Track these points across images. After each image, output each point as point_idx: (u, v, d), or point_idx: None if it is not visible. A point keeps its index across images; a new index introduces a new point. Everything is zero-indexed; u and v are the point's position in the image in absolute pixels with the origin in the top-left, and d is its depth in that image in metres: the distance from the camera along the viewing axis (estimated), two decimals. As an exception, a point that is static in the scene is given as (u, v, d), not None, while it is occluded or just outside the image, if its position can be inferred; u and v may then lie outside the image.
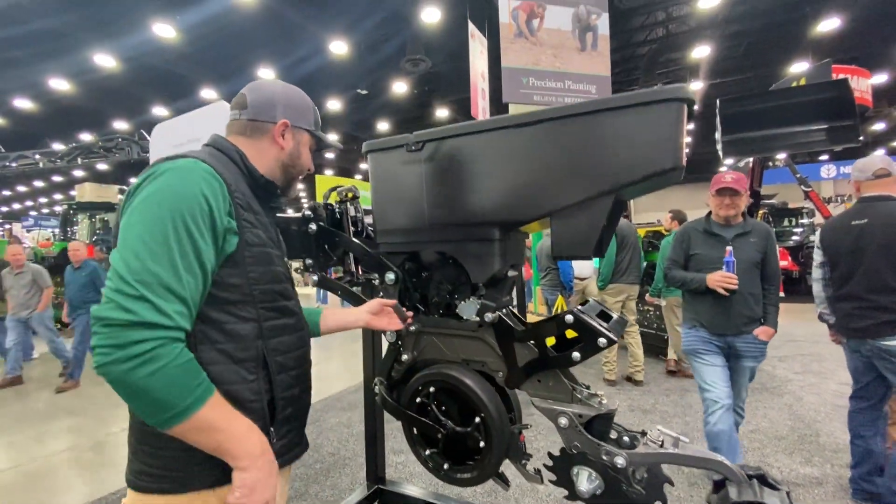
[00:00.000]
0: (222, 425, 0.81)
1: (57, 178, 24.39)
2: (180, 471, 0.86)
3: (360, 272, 1.61)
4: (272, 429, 0.95)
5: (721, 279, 2.34)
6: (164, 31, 9.84)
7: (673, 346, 4.72)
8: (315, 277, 1.57)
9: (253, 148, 1.05)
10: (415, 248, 1.37)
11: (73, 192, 18.10)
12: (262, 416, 0.93)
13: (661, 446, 1.13)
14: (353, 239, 1.50)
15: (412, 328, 1.41)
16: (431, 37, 10.61)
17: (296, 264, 1.61)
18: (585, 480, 1.14)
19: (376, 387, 1.47)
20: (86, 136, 16.43)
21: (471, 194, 1.22)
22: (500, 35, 5.51)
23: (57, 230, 12.17)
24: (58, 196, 28.42)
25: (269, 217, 1.07)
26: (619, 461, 1.10)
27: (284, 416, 1.00)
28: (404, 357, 1.44)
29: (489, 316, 1.26)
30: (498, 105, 10.57)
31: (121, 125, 15.69)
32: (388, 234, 1.39)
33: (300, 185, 1.22)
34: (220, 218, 0.87)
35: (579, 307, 1.19)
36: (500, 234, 1.22)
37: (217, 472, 0.87)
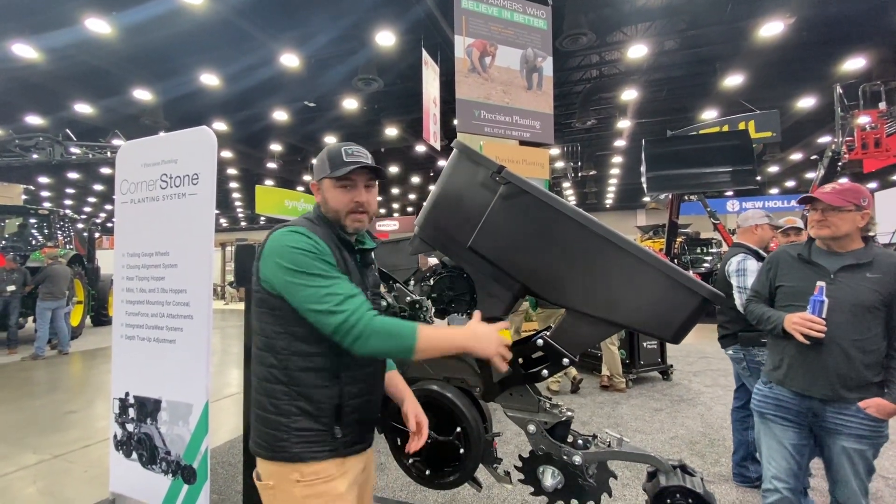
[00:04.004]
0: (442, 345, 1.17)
1: (-54, 173, 21.48)
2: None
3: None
4: (337, 427, 1.21)
5: (800, 322, 1.74)
6: (98, 26, 9.25)
7: (605, 364, 5.19)
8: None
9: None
10: (445, 253, 1.47)
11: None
12: (328, 415, 1.20)
13: (609, 446, 1.40)
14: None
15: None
16: (384, 58, 10.86)
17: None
18: (549, 477, 1.38)
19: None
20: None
21: (518, 248, 1.34)
22: (454, 68, 5.87)
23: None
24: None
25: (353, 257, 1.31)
26: (577, 459, 1.36)
27: (351, 419, 1.24)
28: (391, 375, 1.61)
29: (470, 339, 1.48)
30: (448, 129, 11.01)
31: (35, 120, 14.28)
32: (430, 227, 1.44)
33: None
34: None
35: (546, 332, 1.44)
36: (519, 291, 1.38)
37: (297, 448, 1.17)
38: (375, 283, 1.42)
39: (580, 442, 1.42)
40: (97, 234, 13.54)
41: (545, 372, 1.39)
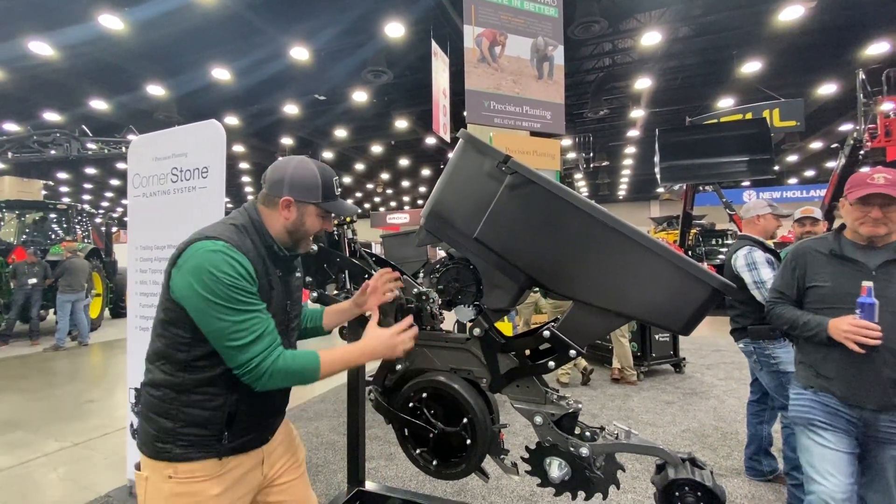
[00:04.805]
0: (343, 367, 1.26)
1: (-31, 169, 22.01)
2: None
3: (354, 288, 1.78)
4: (226, 433, 1.20)
5: (853, 330, 1.57)
6: (111, 22, 9.36)
7: (616, 356, 5.15)
8: (315, 294, 1.72)
9: (269, 216, 1.28)
10: (451, 245, 1.45)
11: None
12: (219, 423, 1.18)
13: (617, 438, 1.39)
14: (353, 259, 1.67)
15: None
16: (394, 50, 10.81)
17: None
18: (556, 468, 1.38)
19: (371, 394, 1.63)
20: (10, 126, 15.10)
21: (525, 239, 1.32)
22: (464, 58, 5.81)
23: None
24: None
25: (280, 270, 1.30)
26: (584, 451, 1.35)
27: (243, 426, 1.23)
28: (398, 367, 1.62)
29: (477, 331, 1.47)
30: (458, 121, 10.93)
31: (52, 116, 14.56)
32: (436, 218, 1.42)
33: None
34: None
35: (553, 324, 1.43)
36: (525, 282, 1.35)
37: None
38: (300, 287, 1.44)
39: (587, 434, 1.41)
40: (114, 229, 13.80)
41: (552, 364, 1.38)
